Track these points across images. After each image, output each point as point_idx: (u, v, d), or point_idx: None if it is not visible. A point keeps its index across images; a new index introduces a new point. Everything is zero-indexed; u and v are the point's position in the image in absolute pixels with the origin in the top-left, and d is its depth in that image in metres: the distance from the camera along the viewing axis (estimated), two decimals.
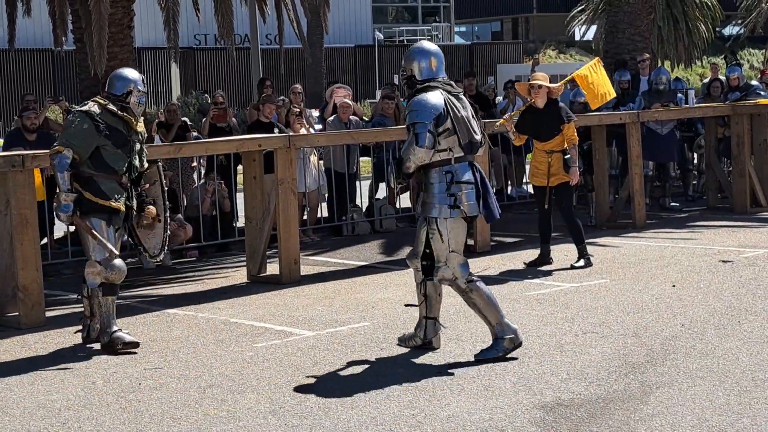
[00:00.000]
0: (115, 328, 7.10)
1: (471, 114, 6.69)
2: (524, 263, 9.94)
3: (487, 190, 6.68)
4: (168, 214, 7.55)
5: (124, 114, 7.14)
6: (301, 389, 6.04)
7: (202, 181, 12.08)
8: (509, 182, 14.83)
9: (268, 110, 11.81)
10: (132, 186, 7.31)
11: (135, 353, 7.00)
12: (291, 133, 10.81)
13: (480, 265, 9.99)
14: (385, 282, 9.40)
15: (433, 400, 5.76)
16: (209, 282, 9.78)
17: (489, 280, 9.21)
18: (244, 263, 9.93)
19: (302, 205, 11.86)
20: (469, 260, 10.14)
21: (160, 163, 7.71)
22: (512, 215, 13.65)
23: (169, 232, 7.58)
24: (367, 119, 14.06)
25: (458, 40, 51.00)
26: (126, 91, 7.16)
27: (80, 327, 7.44)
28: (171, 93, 35.09)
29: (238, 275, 9.96)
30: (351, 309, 8.25)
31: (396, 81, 16.29)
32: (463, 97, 6.75)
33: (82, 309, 7.43)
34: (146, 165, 7.44)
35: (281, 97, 13.15)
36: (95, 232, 7.05)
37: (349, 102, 12.80)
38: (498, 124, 10.25)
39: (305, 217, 12.26)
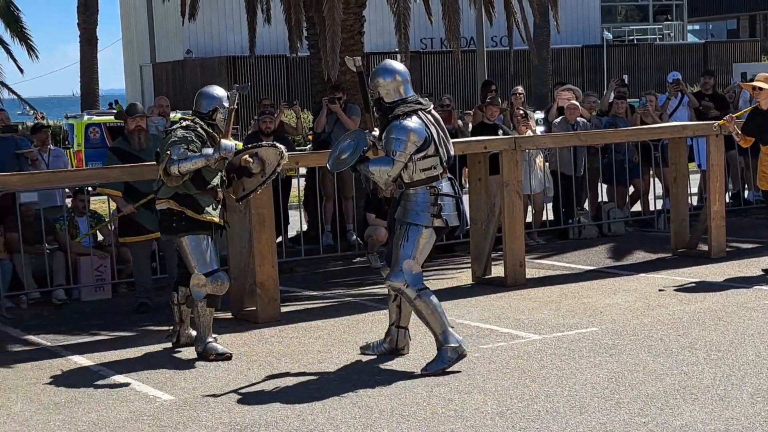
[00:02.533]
0: (210, 339, 7.24)
1: (444, 128, 6.77)
2: (762, 270, 9.50)
3: (463, 203, 6.84)
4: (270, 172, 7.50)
5: (210, 130, 7.31)
6: (528, 392, 6.02)
7: None
8: (746, 185, 14.19)
9: (490, 112, 11.82)
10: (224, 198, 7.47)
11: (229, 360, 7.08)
12: (516, 135, 10.77)
13: (714, 272, 9.62)
14: (614, 287, 9.19)
15: (666, 408, 5.59)
16: (435, 282, 9.87)
17: (717, 287, 8.87)
18: (469, 265, 9.98)
19: (527, 207, 11.79)
20: (704, 267, 9.96)
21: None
22: (749, 220, 13.06)
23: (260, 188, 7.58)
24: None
25: (691, 38, 49.25)
26: (211, 109, 7.36)
27: (170, 332, 7.63)
28: None
29: (464, 276, 10.02)
30: (578, 313, 8.13)
31: (626, 80, 15.87)
32: (434, 111, 6.79)
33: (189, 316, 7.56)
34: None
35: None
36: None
37: (577, 103, 12.63)
38: (716, 125, 9.84)
39: (530, 220, 12.18)
